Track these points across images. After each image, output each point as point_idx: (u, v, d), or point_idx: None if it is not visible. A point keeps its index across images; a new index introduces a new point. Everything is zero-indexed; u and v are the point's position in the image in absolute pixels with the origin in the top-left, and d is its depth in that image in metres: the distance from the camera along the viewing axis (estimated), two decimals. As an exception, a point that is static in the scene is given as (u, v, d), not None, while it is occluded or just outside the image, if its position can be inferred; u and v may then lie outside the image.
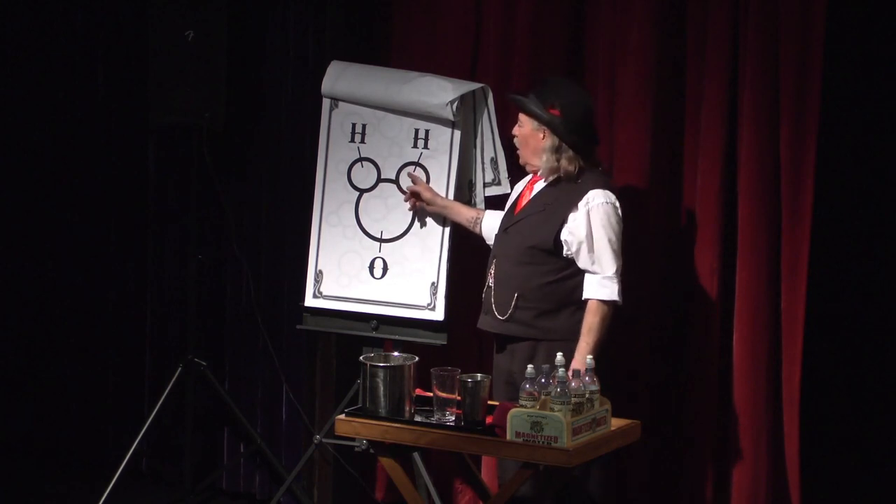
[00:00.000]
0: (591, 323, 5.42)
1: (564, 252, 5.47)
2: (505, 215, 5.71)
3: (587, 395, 5.02)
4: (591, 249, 5.43)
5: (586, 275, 5.46)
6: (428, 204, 5.95)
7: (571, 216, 5.46)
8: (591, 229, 5.44)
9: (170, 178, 7.12)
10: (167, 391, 6.67)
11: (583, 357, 5.32)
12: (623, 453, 5.62)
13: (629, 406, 5.61)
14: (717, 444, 5.85)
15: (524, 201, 5.63)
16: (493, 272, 5.58)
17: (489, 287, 5.58)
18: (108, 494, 6.63)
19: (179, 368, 6.70)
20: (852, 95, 5.67)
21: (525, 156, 5.63)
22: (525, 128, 5.60)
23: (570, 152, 5.50)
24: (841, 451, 5.76)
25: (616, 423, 5.21)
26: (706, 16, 5.81)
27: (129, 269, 7.29)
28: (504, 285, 5.52)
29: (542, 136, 5.54)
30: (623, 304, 5.44)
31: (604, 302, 5.42)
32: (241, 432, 6.92)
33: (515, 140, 5.63)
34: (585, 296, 5.45)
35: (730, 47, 5.76)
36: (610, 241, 5.43)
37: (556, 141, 5.50)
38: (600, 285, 5.44)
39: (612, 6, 6.00)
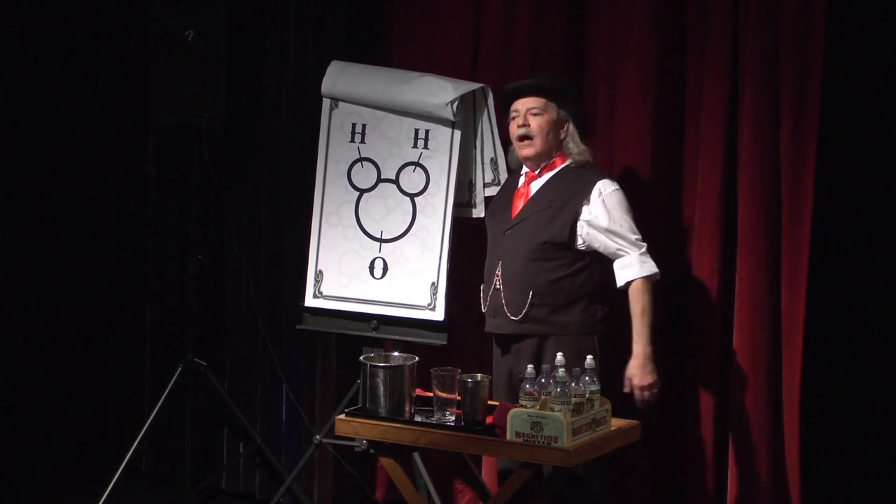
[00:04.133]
0: (644, 304, 5.42)
1: (578, 244, 5.47)
2: (497, 217, 5.68)
3: (587, 395, 5.02)
4: (616, 234, 5.44)
5: (619, 260, 5.45)
6: None
7: (585, 209, 5.47)
8: (611, 216, 5.44)
9: (170, 178, 7.12)
10: (167, 391, 6.67)
11: (647, 341, 5.38)
12: (623, 453, 5.62)
13: (629, 406, 5.61)
14: (717, 444, 5.85)
15: (521, 200, 5.61)
16: (499, 273, 5.56)
17: (496, 289, 5.56)
18: (108, 494, 6.63)
19: (179, 368, 6.70)
20: (852, 95, 5.67)
21: (540, 145, 5.56)
22: (548, 115, 5.56)
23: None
24: (841, 451, 5.76)
25: (616, 423, 5.21)
26: (706, 16, 5.81)
27: (129, 269, 7.30)
28: (515, 285, 5.50)
29: (566, 124, 5.55)
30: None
31: (647, 279, 5.44)
32: (240, 432, 6.92)
33: (526, 130, 5.55)
34: (628, 278, 5.44)
35: (730, 47, 5.76)
36: (631, 222, 5.47)
37: (575, 129, 5.55)
38: (641, 262, 5.45)
39: (612, 6, 6.00)
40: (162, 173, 7.16)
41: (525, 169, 5.67)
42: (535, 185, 5.61)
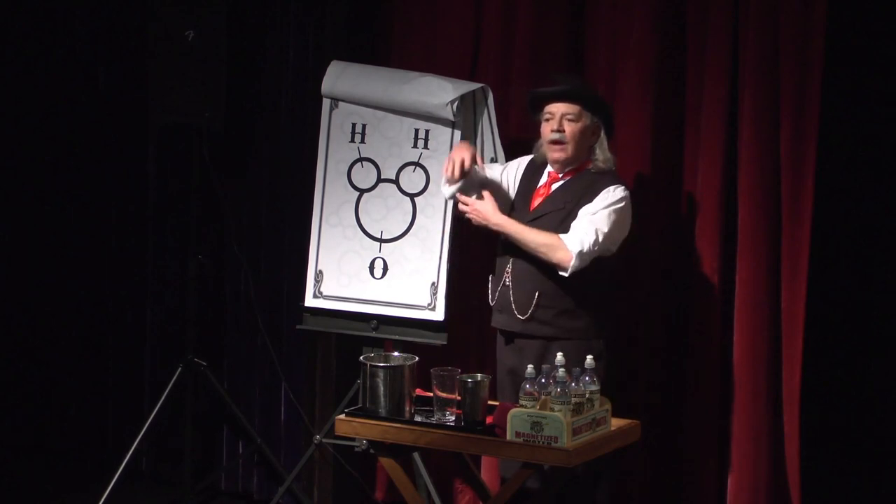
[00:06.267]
0: (540, 237, 5.35)
1: None
2: (515, 212, 5.64)
3: (587, 395, 5.02)
4: (587, 222, 5.37)
5: (572, 227, 5.39)
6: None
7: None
8: (598, 210, 5.39)
9: (170, 179, 7.12)
10: (167, 391, 6.67)
11: (510, 224, 5.37)
12: (623, 453, 5.61)
13: (629, 406, 5.61)
14: (717, 444, 5.85)
15: (540, 199, 5.59)
16: (509, 270, 5.54)
17: (506, 286, 5.55)
18: (108, 494, 6.63)
19: (179, 368, 6.70)
20: (852, 95, 5.67)
21: (572, 151, 5.52)
22: (582, 122, 5.53)
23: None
24: (841, 451, 5.76)
25: (616, 423, 5.21)
26: (706, 16, 5.81)
27: (129, 269, 7.30)
28: (523, 284, 5.49)
29: (598, 132, 5.54)
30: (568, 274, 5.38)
31: (565, 251, 5.34)
32: (240, 432, 6.91)
33: (560, 135, 5.50)
34: (563, 235, 5.36)
35: (730, 47, 5.76)
36: (610, 232, 5.39)
37: (605, 137, 5.56)
38: (580, 241, 5.33)
39: (612, 6, 6.00)
40: (162, 173, 7.16)
41: (549, 168, 5.65)
42: (555, 186, 5.59)
